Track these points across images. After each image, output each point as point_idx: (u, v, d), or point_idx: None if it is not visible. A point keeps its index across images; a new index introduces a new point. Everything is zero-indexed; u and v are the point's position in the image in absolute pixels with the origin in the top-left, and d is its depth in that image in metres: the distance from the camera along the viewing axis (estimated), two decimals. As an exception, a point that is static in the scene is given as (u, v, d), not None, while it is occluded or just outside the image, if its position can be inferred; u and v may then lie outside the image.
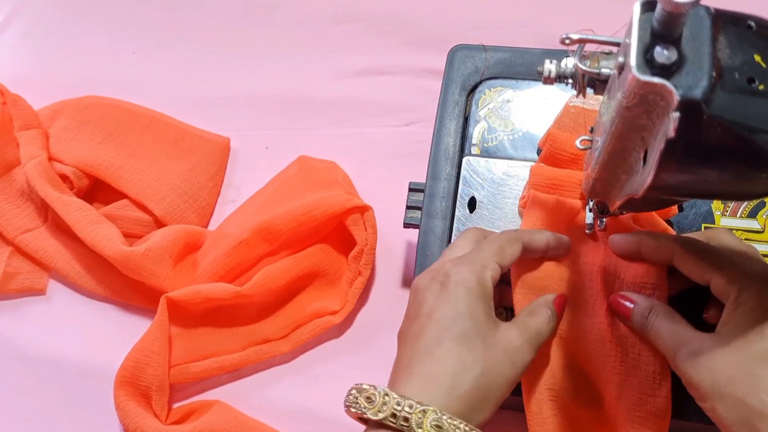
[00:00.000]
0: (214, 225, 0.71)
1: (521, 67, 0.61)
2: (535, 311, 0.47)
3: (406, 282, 0.66)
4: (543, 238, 0.49)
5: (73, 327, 0.67)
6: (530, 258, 0.50)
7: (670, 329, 0.42)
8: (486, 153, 0.59)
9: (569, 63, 0.42)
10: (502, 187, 0.57)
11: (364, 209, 0.63)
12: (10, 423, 0.64)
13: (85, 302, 0.68)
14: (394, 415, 0.39)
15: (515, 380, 0.43)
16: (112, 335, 0.66)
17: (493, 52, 0.61)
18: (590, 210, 0.50)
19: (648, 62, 0.32)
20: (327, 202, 0.63)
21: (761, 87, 0.32)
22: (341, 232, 0.65)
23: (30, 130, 0.71)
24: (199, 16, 0.80)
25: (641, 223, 0.51)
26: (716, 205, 0.54)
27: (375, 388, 0.41)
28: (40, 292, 0.69)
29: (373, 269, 0.65)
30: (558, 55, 0.43)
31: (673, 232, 0.51)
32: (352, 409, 0.41)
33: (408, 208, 0.60)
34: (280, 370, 0.64)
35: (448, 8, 0.76)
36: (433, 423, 0.39)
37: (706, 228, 0.53)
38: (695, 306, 0.46)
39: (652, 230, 0.51)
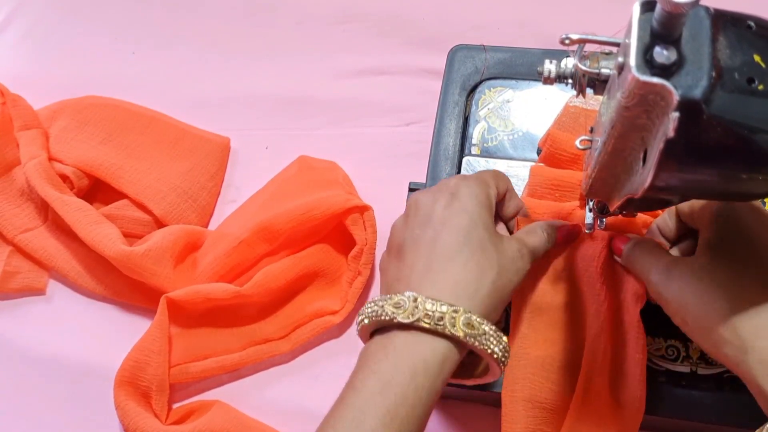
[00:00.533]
0: (214, 225, 0.71)
1: (521, 67, 0.61)
2: (532, 231, 0.49)
3: (406, 282, 0.66)
4: (519, 200, 0.51)
5: (73, 327, 0.67)
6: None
7: (649, 254, 0.44)
8: (486, 153, 0.59)
9: (569, 63, 0.42)
10: (502, 187, 0.57)
11: (363, 209, 0.63)
12: (10, 423, 0.64)
13: (85, 302, 0.68)
14: (427, 316, 0.40)
15: (516, 287, 0.46)
16: (112, 335, 0.66)
17: (493, 52, 0.61)
18: (590, 210, 0.50)
19: (647, 62, 0.32)
20: (327, 202, 0.63)
21: (761, 87, 0.32)
22: (341, 231, 0.65)
23: (30, 130, 0.71)
24: (199, 16, 0.80)
25: (640, 224, 0.51)
26: (716, 205, 0.54)
27: (400, 294, 0.41)
28: (40, 291, 0.69)
29: (372, 269, 0.65)
30: (558, 55, 0.43)
31: None
32: (375, 318, 0.41)
33: (408, 207, 0.60)
34: (280, 370, 0.64)
35: (448, 8, 0.76)
36: (464, 322, 0.40)
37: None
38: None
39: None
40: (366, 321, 0.42)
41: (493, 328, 0.41)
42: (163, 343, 0.61)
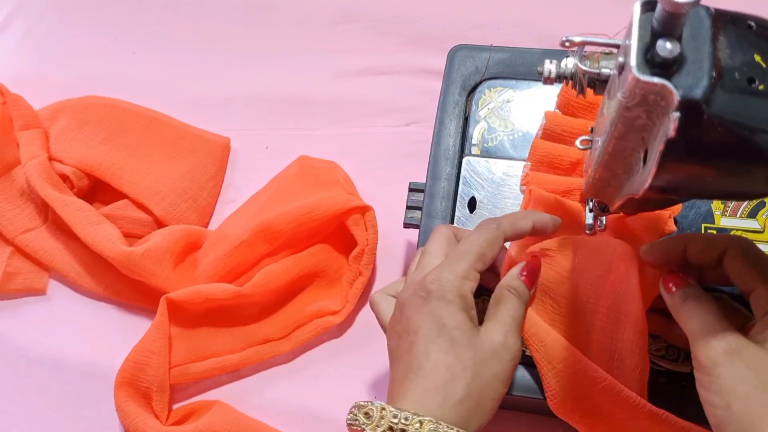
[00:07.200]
0: (214, 225, 0.71)
1: (521, 67, 0.61)
2: (500, 299, 0.47)
3: (407, 282, 0.66)
4: (528, 222, 0.48)
5: (73, 327, 0.67)
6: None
7: (710, 322, 0.39)
8: (486, 153, 0.59)
9: (569, 63, 0.42)
10: (502, 187, 0.57)
11: (364, 209, 0.63)
12: (10, 423, 0.64)
13: (85, 302, 0.68)
14: (391, 428, 0.40)
15: (509, 375, 0.44)
16: (112, 335, 0.66)
17: (493, 52, 0.61)
18: (590, 210, 0.50)
19: (648, 62, 0.32)
20: (328, 203, 0.63)
21: (761, 87, 0.32)
22: (342, 232, 0.65)
23: (30, 130, 0.71)
24: (199, 16, 0.80)
25: (641, 222, 0.51)
26: (716, 205, 0.54)
27: (372, 403, 0.42)
28: (40, 292, 0.69)
29: (373, 269, 0.65)
30: (558, 55, 0.43)
31: (675, 229, 0.51)
32: (354, 426, 0.42)
33: (408, 208, 0.60)
34: (280, 370, 0.64)
35: (448, 8, 0.76)
36: (430, 431, 0.40)
37: (706, 228, 0.53)
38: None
39: (653, 229, 0.51)
40: (348, 422, 0.43)
41: None
42: (164, 343, 0.61)
